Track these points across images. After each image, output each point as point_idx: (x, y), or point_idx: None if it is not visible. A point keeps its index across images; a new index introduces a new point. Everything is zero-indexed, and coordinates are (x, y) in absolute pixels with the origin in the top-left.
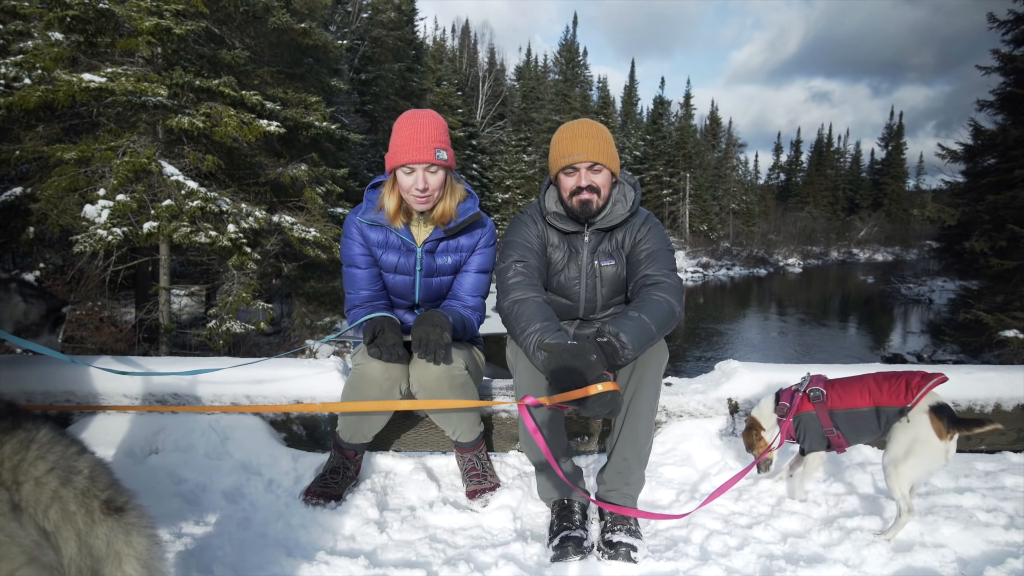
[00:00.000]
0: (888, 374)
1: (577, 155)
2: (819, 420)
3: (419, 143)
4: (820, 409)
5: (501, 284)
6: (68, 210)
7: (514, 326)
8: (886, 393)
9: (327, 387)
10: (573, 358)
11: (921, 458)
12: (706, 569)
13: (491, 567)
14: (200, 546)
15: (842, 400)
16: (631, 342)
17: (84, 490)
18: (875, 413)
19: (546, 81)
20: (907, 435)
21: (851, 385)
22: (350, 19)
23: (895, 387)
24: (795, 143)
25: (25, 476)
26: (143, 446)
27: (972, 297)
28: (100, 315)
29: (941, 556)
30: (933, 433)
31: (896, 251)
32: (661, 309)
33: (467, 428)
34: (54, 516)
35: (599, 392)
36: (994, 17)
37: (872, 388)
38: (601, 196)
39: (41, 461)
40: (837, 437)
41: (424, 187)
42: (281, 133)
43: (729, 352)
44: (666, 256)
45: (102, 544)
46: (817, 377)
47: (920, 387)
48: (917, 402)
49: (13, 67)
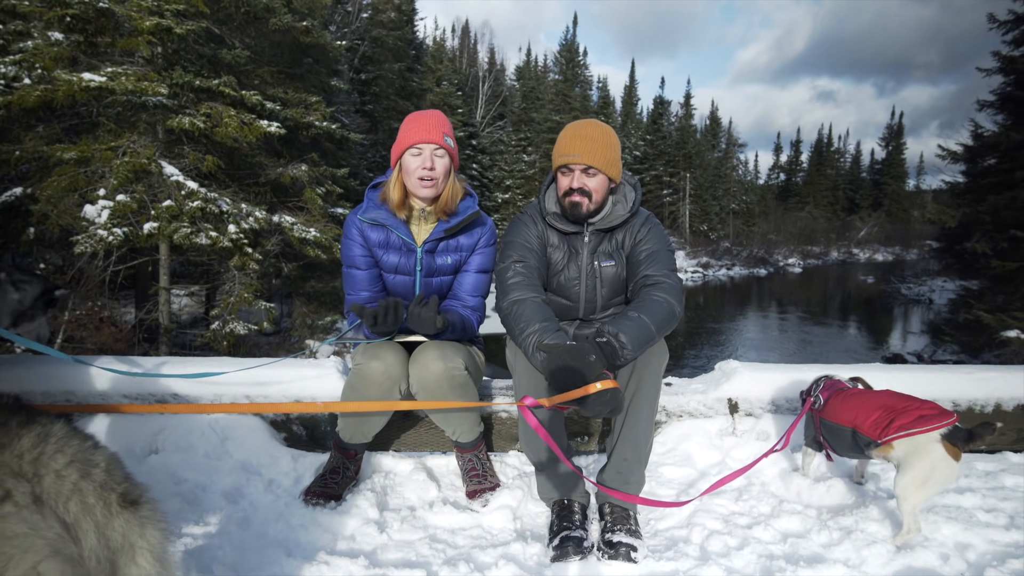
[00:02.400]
0: (892, 405)
1: (572, 156)
2: (814, 424)
3: (428, 127)
4: (815, 415)
5: (500, 284)
6: (68, 210)
7: (513, 326)
8: (870, 422)
9: (327, 387)
10: (572, 358)
11: (938, 482)
12: (706, 569)
13: (491, 567)
14: (200, 546)
15: (835, 412)
16: (630, 342)
17: (102, 483)
18: (852, 434)
19: (546, 81)
20: (924, 463)
21: (851, 400)
22: (350, 19)
23: (881, 420)
24: (795, 143)
25: (46, 469)
26: (143, 446)
27: (972, 297)
28: (100, 315)
29: (941, 556)
30: (950, 458)
31: (896, 251)
32: (661, 309)
33: (467, 428)
34: (74, 508)
35: (599, 391)
36: (994, 17)
37: (862, 411)
38: (593, 200)
39: (60, 454)
40: (825, 444)
41: (431, 167)
42: (281, 134)
43: (729, 352)
44: (666, 256)
45: (118, 536)
46: (832, 384)
47: (901, 430)
48: (888, 442)
49: (13, 67)
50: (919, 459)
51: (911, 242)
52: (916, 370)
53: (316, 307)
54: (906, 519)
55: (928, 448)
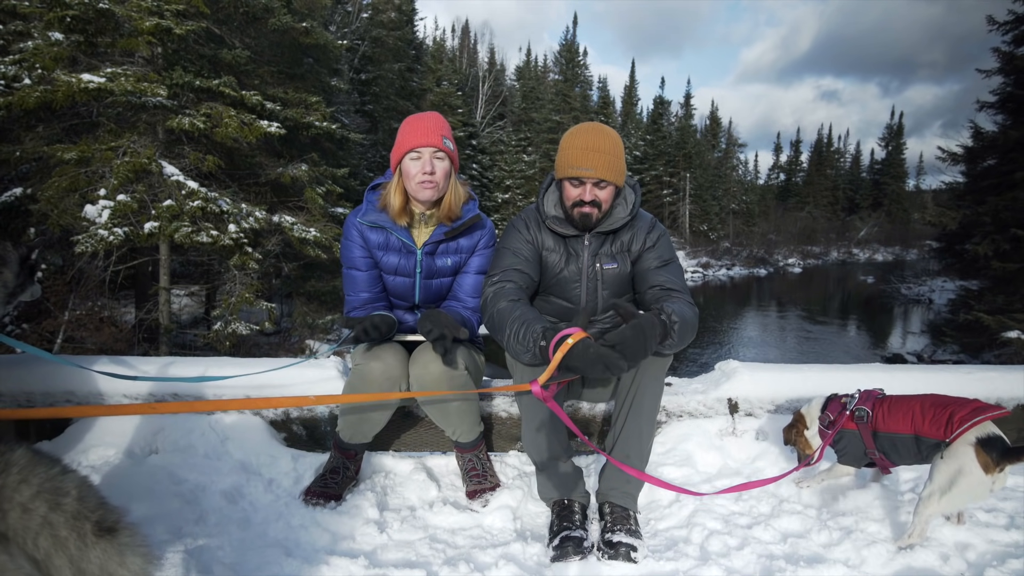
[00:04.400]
0: (941, 399)
1: (586, 170)
2: (862, 440)
3: (426, 130)
4: (864, 429)
5: (482, 298)
6: (68, 210)
7: (497, 333)
8: (928, 422)
9: (327, 388)
10: (641, 331)
11: (963, 492)
12: (706, 569)
13: (491, 567)
14: (200, 546)
15: (886, 423)
16: (679, 333)
17: (74, 512)
18: (915, 441)
19: (546, 81)
20: (950, 467)
21: (898, 407)
22: (350, 19)
23: (939, 417)
24: (795, 143)
25: (9, 503)
26: (143, 446)
27: (972, 298)
28: (100, 315)
29: (941, 556)
30: (978, 466)
31: (896, 251)
32: (695, 316)
33: (467, 428)
34: (45, 544)
35: (572, 344)
36: (993, 19)
37: (916, 414)
38: (602, 210)
39: (25, 485)
40: (880, 459)
41: (431, 170)
42: (281, 134)
43: (729, 352)
44: (678, 267)
45: (96, 568)
46: (867, 394)
47: (964, 422)
48: (956, 438)
49: (13, 67)
50: (947, 463)
51: (911, 242)
52: (916, 370)
53: (316, 307)
54: (916, 524)
55: (959, 452)
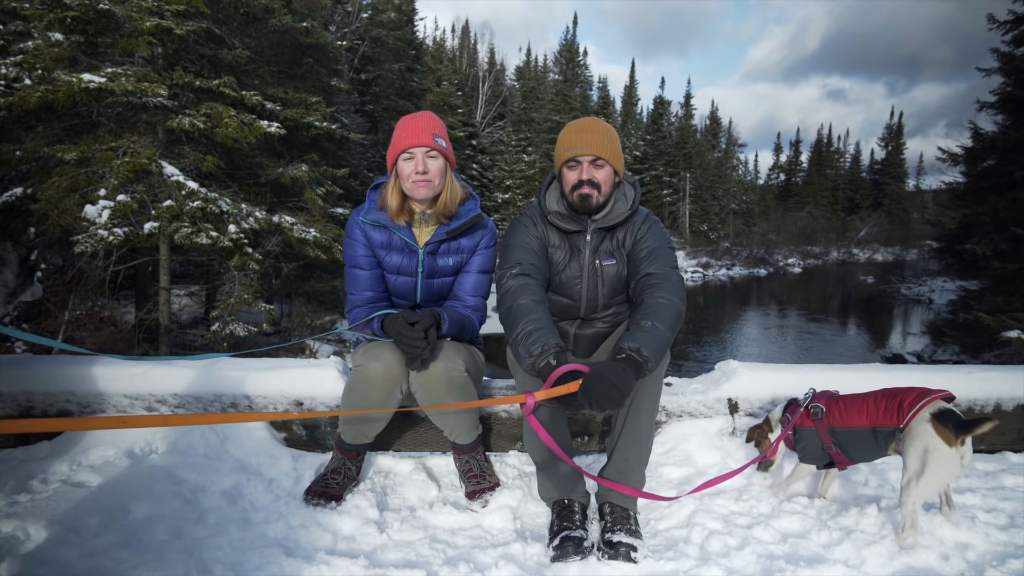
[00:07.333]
0: (891, 391)
1: (580, 148)
2: (819, 436)
3: (417, 131)
4: (819, 426)
5: (498, 291)
6: (68, 210)
7: (509, 332)
8: (882, 412)
9: (327, 387)
10: (611, 375)
11: (936, 470)
12: (706, 569)
13: (491, 567)
14: (200, 546)
15: (842, 418)
16: (652, 354)
17: None
18: (872, 433)
19: (546, 81)
20: (916, 448)
21: (853, 403)
22: (350, 19)
23: (891, 406)
24: (795, 143)
25: None
26: (143, 446)
27: (972, 298)
28: (100, 315)
29: (941, 556)
30: (941, 441)
31: (896, 251)
32: (669, 312)
33: (465, 430)
34: None
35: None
36: (993, 18)
37: (870, 406)
38: (602, 192)
39: None
40: (837, 454)
41: (424, 170)
42: (281, 134)
43: (729, 352)
44: (667, 253)
45: None
46: (821, 393)
47: (912, 407)
48: (911, 420)
49: (13, 67)
50: (913, 444)
51: (911, 242)
52: (916, 370)
53: (316, 307)
54: (905, 515)
55: (918, 431)
